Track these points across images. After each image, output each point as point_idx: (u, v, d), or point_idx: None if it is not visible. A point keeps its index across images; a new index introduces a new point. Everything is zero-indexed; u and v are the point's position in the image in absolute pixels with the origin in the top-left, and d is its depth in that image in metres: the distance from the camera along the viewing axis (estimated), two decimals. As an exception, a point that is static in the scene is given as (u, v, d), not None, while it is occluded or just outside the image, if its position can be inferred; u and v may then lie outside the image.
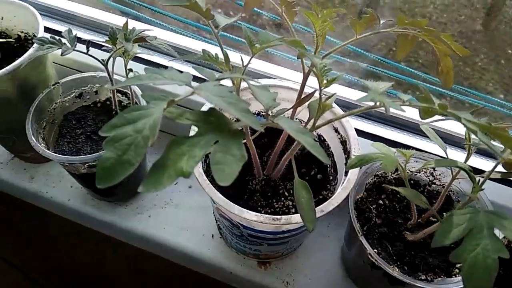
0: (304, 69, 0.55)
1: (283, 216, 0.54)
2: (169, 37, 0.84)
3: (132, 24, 0.90)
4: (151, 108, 0.36)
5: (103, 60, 0.60)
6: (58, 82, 0.71)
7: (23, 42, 0.78)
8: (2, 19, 0.76)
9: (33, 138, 0.64)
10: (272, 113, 0.49)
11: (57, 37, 0.57)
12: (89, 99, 0.76)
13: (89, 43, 0.57)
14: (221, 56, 0.54)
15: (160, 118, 0.35)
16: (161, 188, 0.33)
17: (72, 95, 0.74)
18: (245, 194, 0.67)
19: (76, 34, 0.57)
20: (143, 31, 0.57)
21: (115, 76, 0.68)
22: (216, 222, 0.77)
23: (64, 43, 0.56)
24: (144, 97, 0.37)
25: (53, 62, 0.79)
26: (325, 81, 0.45)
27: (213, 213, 0.76)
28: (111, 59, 0.62)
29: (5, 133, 0.75)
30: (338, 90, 0.82)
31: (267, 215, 0.55)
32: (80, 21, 0.93)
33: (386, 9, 3.17)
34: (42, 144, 0.66)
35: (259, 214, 0.55)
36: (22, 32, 0.78)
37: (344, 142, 0.65)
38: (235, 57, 0.60)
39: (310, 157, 0.72)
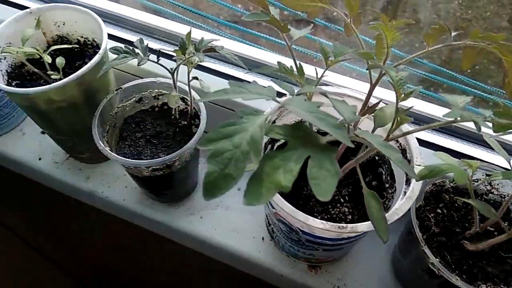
0: (371, 79, 0.55)
1: (349, 225, 0.55)
2: (227, 44, 0.86)
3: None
4: (245, 123, 0.38)
5: (171, 69, 0.61)
6: (121, 88, 0.73)
7: (82, 47, 0.81)
8: (64, 24, 0.79)
9: (100, 142, 0.67)
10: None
11: (130, 47, 0.59)
12: (147, 103, 0.78)
13: (159, 53, 0.59)
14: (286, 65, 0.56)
15: (258, 133, 0.36)
16: (263, 201, 0.35)
17: (132, 100, 0.76)
18: (300, 199, 0.68)
19: (147, 44, 0.59)
20: (211, 41, 0.58)
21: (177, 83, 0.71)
22: (269, 226, 0.78)
23: (138, 53, 0.58)
24: (238, 112, 0.38)
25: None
26: (402, 94, 0.46)
27: (267, 217, 0.77)
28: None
29: (67, 135, 0.78)
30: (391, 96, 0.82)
31: (333, 223, 0.56)
32: (130, 25, 0.95)
33: (408, 6, 3.11)
34: (107, 147, 0.69)
35: (325, 222, 0.56)
36: (81, 37, 0.80)
37: (404, 151, 0.65)
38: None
39: (365, 164, 0.73)
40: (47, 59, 0.68)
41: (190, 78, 0.66)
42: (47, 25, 0.78)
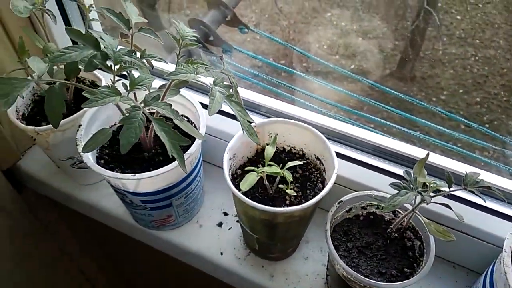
0: None
1: None
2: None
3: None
4: None
5: (422, 202, 0.64)
6: (342, 201, 0.77)
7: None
8: (276, 135, 0.84)
9: (339, 259, 0.69)
10: None
11: (407, 182, 0.63)
12: (353, 212, 0.81)
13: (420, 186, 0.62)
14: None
15: None
16: None
17: (343, 210, 0.79)
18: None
19: (416, 178, 0.63)
20: (478, 175, 0.61)
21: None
22: None
23: (412, 188, 0.62)
24: None
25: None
26: None
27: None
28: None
29: (277, 241, 0.81)
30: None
31: None
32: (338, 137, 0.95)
33: (425, 61, 3.13)
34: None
35: None
36: (288, 145, 0.86)
37: None
38: None
39: None
40: (288, 175, 0.72)
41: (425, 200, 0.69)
42: (262, 136, 0.83)
